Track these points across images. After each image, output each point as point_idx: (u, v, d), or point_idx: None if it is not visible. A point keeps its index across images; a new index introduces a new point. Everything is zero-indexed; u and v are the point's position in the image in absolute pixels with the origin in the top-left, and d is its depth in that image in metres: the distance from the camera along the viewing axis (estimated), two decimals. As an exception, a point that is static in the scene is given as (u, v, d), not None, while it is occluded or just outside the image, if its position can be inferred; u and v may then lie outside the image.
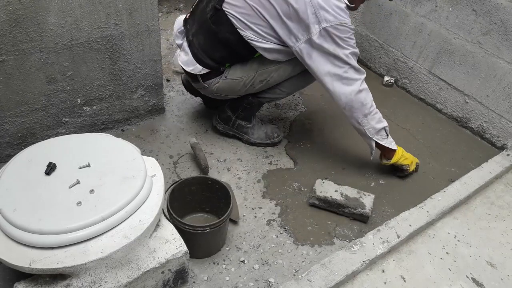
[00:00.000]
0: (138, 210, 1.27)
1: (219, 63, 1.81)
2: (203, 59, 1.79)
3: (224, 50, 1.77)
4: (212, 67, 1.81)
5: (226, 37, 1.73)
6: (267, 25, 1.68)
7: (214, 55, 1.78)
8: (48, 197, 1.21)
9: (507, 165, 1.96)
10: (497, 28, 2.11)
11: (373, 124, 1.80)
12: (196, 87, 1.96)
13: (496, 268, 1.55)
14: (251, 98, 1.98)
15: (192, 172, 1.91)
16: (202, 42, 1.78)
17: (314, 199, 1.78)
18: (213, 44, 1.77)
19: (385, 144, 1.85)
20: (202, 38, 1.78)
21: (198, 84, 1.90)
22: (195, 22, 1.81)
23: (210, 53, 1.78)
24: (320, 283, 1.36)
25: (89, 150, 1.38)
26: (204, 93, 1.98)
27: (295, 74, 1.90)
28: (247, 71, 1.84)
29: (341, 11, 1.63)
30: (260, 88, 1.90)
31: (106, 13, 1.70)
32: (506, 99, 2.17)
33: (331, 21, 1.60)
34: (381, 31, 2.71)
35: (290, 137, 2.18)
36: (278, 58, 1.80)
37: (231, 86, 1.86)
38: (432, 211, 1.67)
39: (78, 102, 1.85)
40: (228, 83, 1.85)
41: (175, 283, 1.38)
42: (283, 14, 1.63)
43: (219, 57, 1.79)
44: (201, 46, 1.78)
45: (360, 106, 1.75)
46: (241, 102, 2.00)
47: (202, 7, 1.79)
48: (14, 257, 1.11)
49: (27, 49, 1.59)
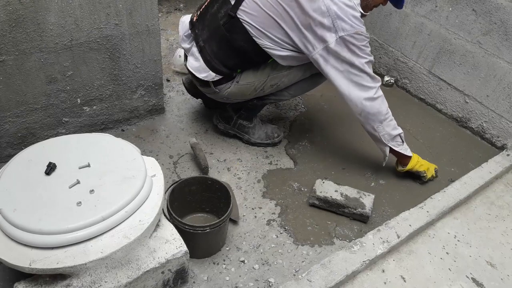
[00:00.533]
0: (138, 210, 1.27)
1: (232, 69, 1.80)
2: (216, 66, 1.77)
3: (238, 57, 1.77)
4: (225, 74, 1.79)
5: (241, 45, 1.72)
6: (283, 34, 1.68)
7: (228, 63, 1.77)
8: (48, 197, 1.21)
9: (507, 165, 1.96)
10: (497, 28, 2.11)
11: (388, 130, 1.80)
12: (205, 91, 1.94)
13: (496, 268, 1.55)
14: (256, 100, 1.98)
15: (192, 172, 1.91)
16: (215, 49, 1.75)
17: (314, 199, 1.78)
18: (227, 51, 1.75)
19: (400, 150, 1.85)
20: (215, 45, 1.75)
21: (208, 89, 1.87)
22: (206, 27, 1.77)
23: (224, 60, 1.76)
24: (320, 283, 1.36)
25: (89, 150, 1.38)
26: (213, 98, 1.96)
27: (305, 77, 1.91)
28: (259, 76, 1.83)
29: (357, 19, 1.64)
30: (269, 92, 1.91)
31: (106, 13, 1.70)
32: (506, 99, 2.17)
33: (347, 30, 1.62)
34: (381, 31, 2.71)
35: (290, 137, 2.18)
36: (293, 64, 1.80)
37: (242, 91, 1.86)
38: (432, 211, 1.67)
39: (78, 102, 1.85)
40: (239, 88, 1.84)
41: (175, 283, 1.38)
42: (301, 23, 1.64)
43: (233, 64, 1.78)
44: (214, 53, 1.76)
45: (376, 113, 1.75)
46: (245, 102, 1.99)
47: (212, 12, 1.75)
48: (14, 257, 1.11)
49: (27, 49, 1.59)
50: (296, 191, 1.88)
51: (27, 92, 1.69)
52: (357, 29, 1.63)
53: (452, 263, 1.54)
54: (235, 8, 1.68)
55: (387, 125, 1.79)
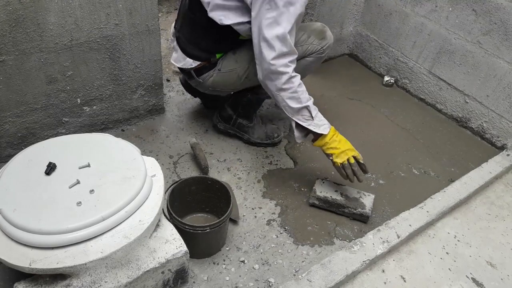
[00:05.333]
0: (138, 210, 1.27)
1: (208, 51, 1.80)
2: (191, 51, 1.81)
3: (208, 37, 1.77)
4: (202, 58, 1.81)
5: (205, 22, 1.70)
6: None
7: (200, 45, 1.79)
8: (48, 197, 1.21)
9: (507, 165, 1.96)
10: (497, 28, 2.11)
11: (289, 103, 1.63)
12: (193, 84, 1.96)
13: (496, 268, 1.55)
14: (250, 95, 1.97)
15: (192, 172, 1.91)
16: (187, 35, 1.80)
17: (314, 199, 1.78)
18: (197, 33, 1.78)
19: (308, 126, 1.65)
20: (186, 31, 1.80)
21: (194, 80, 1.90)
22: (179, 18, 1.85)
23: (196, 43, 1.79)
24: (320, 283, 1.36)
25: (89, 150, 1.38)
26: (201, 90, 1.97)
27: None
28: (240, 62, 1.83)
29: None
30: (256, 80, 1.83)
31: (106, 13, 1.70)
32: (506, 99, 2.17)
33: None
34: (381, 31, 2.71)
35: (290, 137, 2.18)
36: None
37: (225, 79, 1.86)
38: (432, 211, 1.67)
39: (78, 102, 1.85)
40: (222, 75, 1.84)
41: (175, 283, 1.38)
42: None
43: (206, 45, 1.79)
44: (187, 38, 1.80)
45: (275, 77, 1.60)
46: (241, 99, 2.00)
47: (183, 3, 1.82)
48: (14, 257, 1.11)
49: (27, 49, 1.59)
50: (296, 191, 1.88)
51: (27, 92, 1.69)
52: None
53: (452, 263, 1.54)
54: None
55: (288, 97, 1.62)
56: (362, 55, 2.91)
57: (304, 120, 1.66)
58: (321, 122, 1.67)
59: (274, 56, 1.56)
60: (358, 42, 2.91)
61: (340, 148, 1.67)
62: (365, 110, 2.46)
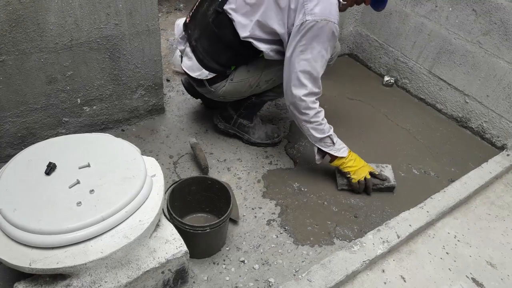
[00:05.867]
0: (138, 210, 1.27)
1: (225, 66, 1.80)
2: (208, 64, 1.79)
3: (229, 53, 1.77)
4: (218, 71, 1.80)
5: (230, 39, 1.72)
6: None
7: (219, 59, 1.78)
8: (48, 197, 1.21)
9: (507, 165, 1.96)
10: (497, 28, 2.11)
11: (313, 132, 1.77)
12: (202, 91, 1.95)
13: (496, 268, 1.55)
14: (254, 98, 1.98)
15: (192, 172, 1.91)
16: (206, 46, 1.77)
17: (344, 185, 1.88)
18: (217, 48, 1.76)
19: (330, 151, 1.81)
20: (206, 43, 1.77)
21: (204, 88, 1.89)
22: (197, 26, 1.80)
23: (215, 57, 1.78)
24: (320, 283, 1.36)
25: (89, 150, 1.38)
26: (209, 97, 1.97)
27: None
28: (253, 72, 1.84)
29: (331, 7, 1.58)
30: (265, 88, 1.91)
31: (106, 13, 1.70)
32: (506, 99, 2.17)
33: (316, 15, 1.56)
34: (381, 31, 2.72)
35: (290, 137, 2.18)
36: (281, 58, 1.79)
37: (237, 88, 1.86)
38: (432, 211, 1.67)
39: (78, 102, 1.85)
40: (234, 85, 1.85)
41: (175, 283, 1.38)
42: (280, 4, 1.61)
43: (225, 60, 1.79)
44: (206, 50, 1.78)
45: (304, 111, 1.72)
46: (244, 101, 2.00)
47: (202, 11, 1.77)
48: (14, 257, 1.11)
49: (27, 49, 1.59)
50: (296, 191, 1.88)
51: (27, 92, 1.69)
52: (325, 17, 1.56)
53: (452, 263, 1.54)
54: (222, 4, 1.69)
55: (313, 128, 1.76)
56: (362, 55, 2.91)
57: (326, 146, 1.82)
58: (340, 146, 1.83)
59: (305, 94, 1.69)
60: (358, 42, 2.91)
61: (356, 166, 1.85)
62: (365, 110, 2.46)
